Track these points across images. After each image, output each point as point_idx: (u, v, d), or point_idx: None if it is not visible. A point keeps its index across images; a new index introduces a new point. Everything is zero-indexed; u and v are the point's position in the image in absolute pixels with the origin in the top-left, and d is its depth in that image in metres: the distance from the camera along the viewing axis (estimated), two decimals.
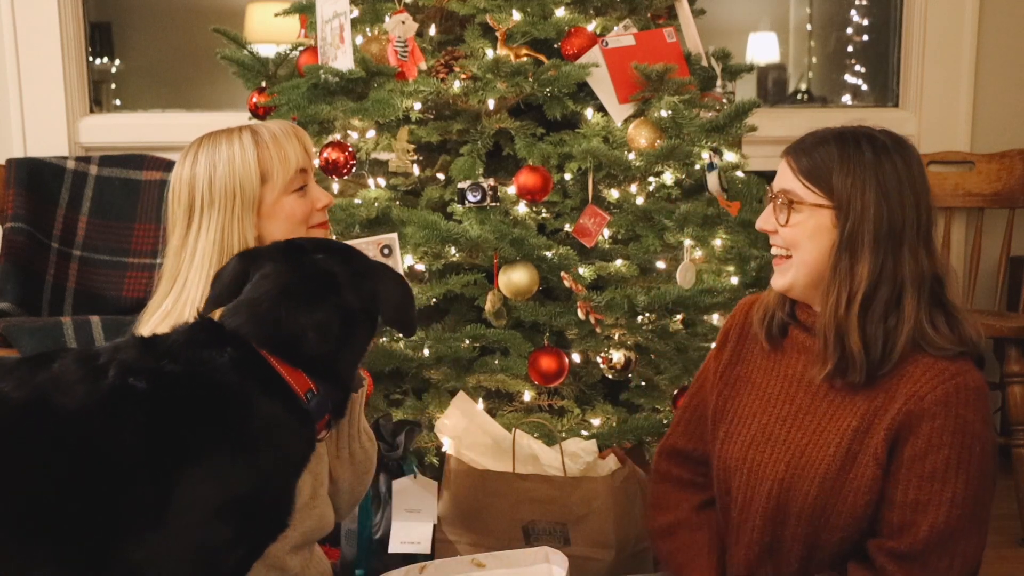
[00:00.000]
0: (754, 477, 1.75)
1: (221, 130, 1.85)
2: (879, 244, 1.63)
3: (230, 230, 1.78)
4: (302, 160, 1.84)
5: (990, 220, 3.60)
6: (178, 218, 1.82)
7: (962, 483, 1.62)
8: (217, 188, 1.78)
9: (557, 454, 2.29)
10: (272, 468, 1.46)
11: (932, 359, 1.65)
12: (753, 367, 1.83)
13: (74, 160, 3.44)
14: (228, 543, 1.42)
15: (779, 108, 4.71)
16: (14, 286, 3.23)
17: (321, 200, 1.87)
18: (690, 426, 1.92)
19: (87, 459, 1.36)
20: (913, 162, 1.68)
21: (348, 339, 1.56)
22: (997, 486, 2.20)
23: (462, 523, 2.24)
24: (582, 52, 2.49)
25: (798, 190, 1.69)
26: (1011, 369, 3.11)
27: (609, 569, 2.19)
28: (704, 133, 2.45)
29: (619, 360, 2.48)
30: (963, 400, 1.63)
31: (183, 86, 4.91)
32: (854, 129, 1.71)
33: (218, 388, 1.43)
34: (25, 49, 3.55)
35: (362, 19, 2.58)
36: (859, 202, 1.64)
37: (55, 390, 1.39)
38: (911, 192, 1.65)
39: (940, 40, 3.71)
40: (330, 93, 2.44)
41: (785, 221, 1.71)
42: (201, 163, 1.80)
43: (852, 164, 1.65)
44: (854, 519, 1.67)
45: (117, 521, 1.35)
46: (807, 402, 1.74)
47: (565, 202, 2.52)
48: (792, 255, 1.71)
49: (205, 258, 1.77)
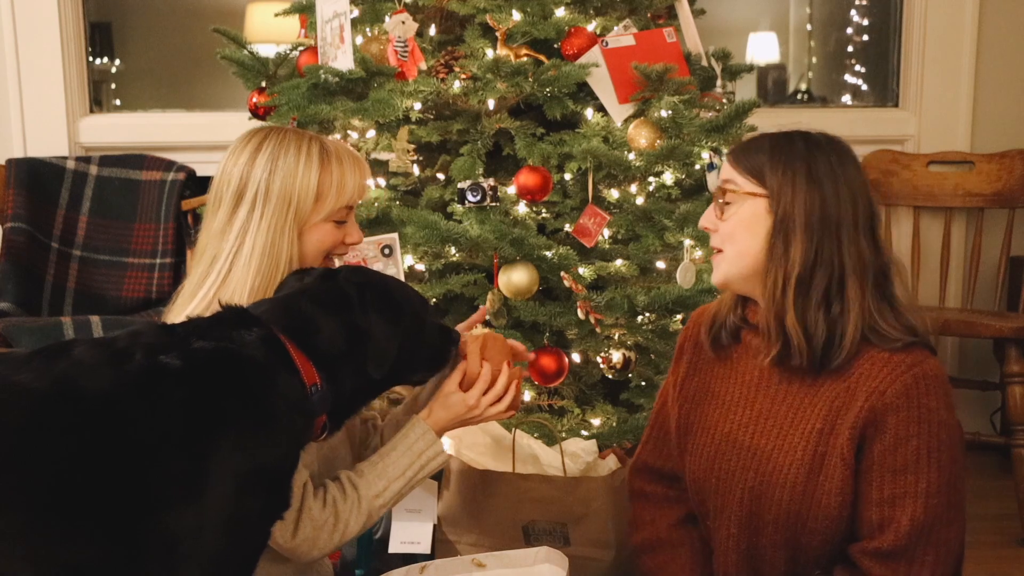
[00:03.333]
0: (724, 486, 1.76)
1: (291, 129, 1.83)
2: (811, 229, 1.65)
3: (280, 233, 1.76)
4: (355, 195, 1.83)
5: (990, 220, 3.60)
6: (224, 199, 1.79)
7: (935, 472, 1.62)
8: (275, 187, 1.76)
9: (557, 454, 2.29)
10: (289, 442, 1.54)
11: (885, 353, 1.65)
12: (710, 376, 1.84)
13: (74, 160, 3.44)
14: (256, 515, 1.50)
15: (779, 108, 4.71)
16: (14, 286, 3.23)
17: (352, 236, 1.85)
18: (658, 443, 1.94)
19: (122, 437, 1.40)
20: (847, 159, 1.70)
21: (353, 353, 1.63)
22: (997, 486, 2.22)
23: (462, 523, 2.24)
24: (582, 52, 2.49)
25: (735, 178, 1.72)
26: (1011, 369, 3.11)
27: (609, 569, 2.19)
28: (704, 133, 2.45)
29: (619, 360, 2.48)
30: (924, 389, 1.63)
31: (183, 86, 4.90)
32: (791, 130, 1.75)
33: (248, 362, 1.51)
34: (25, 49, 3.55)
35: (362, 19, 2.58)
36: (790, 189, 1.67)
37: (80, 375, 1.42)
38: (845, 184, 1.67)
39: (940, 40, 3.71)
40: (330, 93, 2.45)
41: (721, 214, 1.73)
42: (264, 155, 1.78)
43: (783, 155, 1.69)
44: (831, 520, 1.67)
45: (153, 494, 1.40)
46: (767, 406, 1.74)
47: (565, 202, 2.53)
48: (725, 249, 1.74)
49: (255, 255, 1.75)
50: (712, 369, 1.84)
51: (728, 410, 1.79)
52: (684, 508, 1.90)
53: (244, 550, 1.51)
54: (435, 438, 1.84)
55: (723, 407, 1.80)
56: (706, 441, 1.80)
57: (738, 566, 1.76)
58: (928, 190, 3.60)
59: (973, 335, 3.36)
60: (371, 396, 1.79)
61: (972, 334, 3.30)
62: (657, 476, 1.94)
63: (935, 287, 3.61)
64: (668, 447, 1.90)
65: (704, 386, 1.84)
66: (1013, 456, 3.07)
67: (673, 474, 1.91)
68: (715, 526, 1.79)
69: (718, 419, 1.80)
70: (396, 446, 1.83)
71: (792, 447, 1.69)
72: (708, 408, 1.82)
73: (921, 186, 3.62)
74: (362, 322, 1.64)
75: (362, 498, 1.78)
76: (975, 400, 3.66)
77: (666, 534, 1.90)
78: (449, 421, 1.87)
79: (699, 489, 1.81)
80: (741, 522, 1.73)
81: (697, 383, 1.85)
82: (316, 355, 1.59)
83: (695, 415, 1.84)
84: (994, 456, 3.50)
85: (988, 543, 2.95)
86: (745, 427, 1.76)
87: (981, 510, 3.03)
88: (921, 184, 3.62)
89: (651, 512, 1.93)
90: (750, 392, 1.77)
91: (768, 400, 1.74)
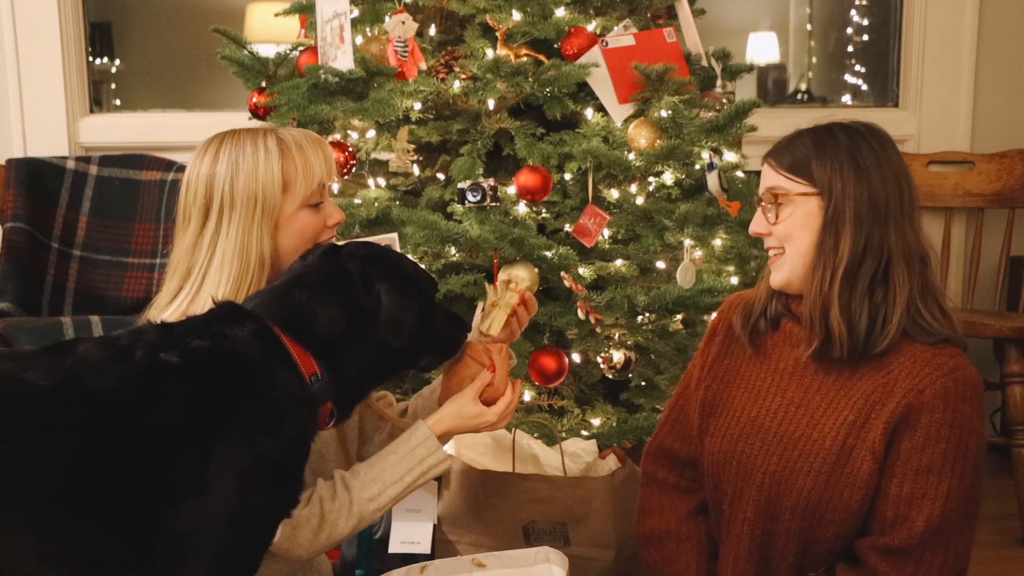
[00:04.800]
0: (745, 469, 1.75)
1: (244, 129, 1.81)
2: (861, 220, 1.66)
3: (249, 236, 1.74)
4: (324, 174, 1.80)
5: (990, 220, 3.60)
6: (192, 215, 1.78)
7: (957, 478, 1.63)
8: (239, 191, 1.74)
9: (557, 454, 2.30)
10: (292, 437, 1.54)
11: (922, 347, 1.66)
12: (742, 361, 1.84)
13: (74, 160, 3.44)
14: (261, 510, 1.50)
15: (779, 108, 4.71)
16: (14, 286, 3.23)
17: (333, 217, 1.84)
18: (676, 426, 1.93)
19: (128, 434, 1.42)
20: (887, 144, 1.71)
21: (356, 336, 1.62)
22: (997, 486, 2.21)
23: (462, 523, 2.24)
24: (582, 52, 2.49)
25: (783, 183, 1.72)
26: (1011, 369, 3.11)
27: (609, 569, 2.19)
28: (704, 133, 2.45)
29: (619, 360, 2.48)
30: (962, 395, 1.64)
31: (183, 86, 4.90)
32: (827, 123, 1.75)
33: (244, 359, 1.51)
34: (25, 49, 3.55)
35: (362, 19, 2.58)
36: (839, 182, 1.67)
37: (86, 373, 1.43)
38: (890, 169, 1.68)
39: (940, 40, 3.71)
40: (330, 93, 2.44)
41: (775, 219, 1.73)
42: (223, 162, 1.76)
43: (828, 149, 1.69)
44: (849, 514, 1.67)
45: (159, 491, 1.41)
46: (800, 395, 1.74)
47: (565, 202, 2.52)
48: (786, 249, 1.73)
49: (225, 262, 1.74)
50: (744, 354, 1.84)
51: (757, 395, 1.79)
52: (695, 499, 1.89)
53: (250, 544, 1.52)
54: (437, 445, 1.82)
55: (752, 391, 1.80)
56: (730, 423, 1.80)
57: (749, 552, 1.75)
58: (928, 190, 3.60)
59: (973, 335, 3.34)
60: (380, 379, 1.77)
61: (972, 334, 3.28)
62: (672, 461, 1.92)
63: None
64: (687, 429, 1.89)
65: (734, 369, 1.84)
66: (1013, 456, 3.08)
67: (689, 459, 1.90)
68: (731, 511, 1.78)
69: (745, 402, 1.79)
70: (396, 449, 1.81)
71: (822, 436, 1.69)
72: (736, 391, 1.82)
73: (921, 186, 3.61)
74: (366, 300, 1.62)
75: (354, 500, 1.76)
76: None
77: (675, 527, 1.89)
78: (458, 430, 1.86)
79: (717, 472, 1.80)
80: (759, 507, 1.73)
81: (728, 365, 1.85)
82: (313, 344, 1.58)
83: (721, 396, 1.83)
84: (994, 456, 3.50)
85: (988, 543, 2.95)
86: (775, 413, 1.75)
87: (982, 510, 3.02)
88: (921, 184, 3.61)
89: (661, 500, 1.92)
90: (783, 380, 1.76)
91: (802, 389, 1.74)
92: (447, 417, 1.84)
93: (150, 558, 1.41)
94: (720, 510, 1.81)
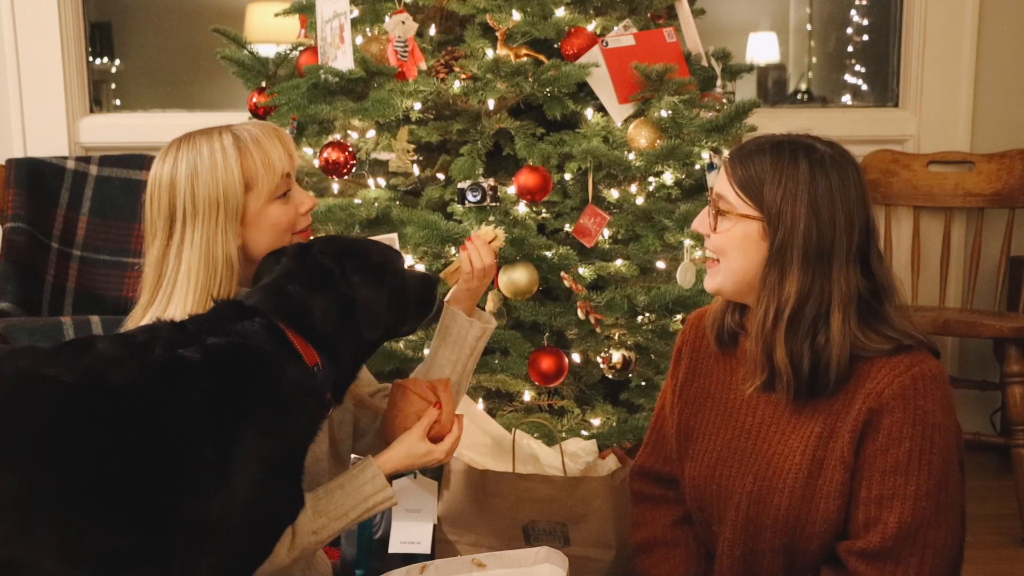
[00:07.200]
0: (724, 491, 1.75)
1: (199, 131, 1.79)
2: (808, 262, 1.62)
3: (214, 241, 1.73)
4: (286, 164, 1.78)
5: (990, 220, 3.60)
6: (158, 227, 1.77)
7: (925, 475, 1.61)
8: (200, 198, 1.73)
9: (557, 454, 2.29)
10: (306, 427, 1.60)
11: (884, 359, 1.64)
12: (711, 381, 1.83)
13: (74, 160, 3.44)
14: (283, 499, 1.56)
15: (779, 108, 4.71)
16: (14, 286, 3.22)
17: (305, 204, 1.83)
18: (656, 447, 1.93)
19: (151, 427, 1.44)
20: (850, 179, 1.64)
21: (348, 324, 1.67)
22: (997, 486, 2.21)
23: (462, 523, 2.24)
24: (582, 52, 2.49)
25: (730, 197, 1.68)
26: (1011, 369, 3.11)
27: (609, 569, 2.19)
28: (704, 133, 2.45)
29: (619, 360, 2.48)
30: (920, 391, 1.62)
31: (183, 86, 4.91)
32: (795, 139, 1.68)
33: (257, 353, 1.56)
34: (25, 49, 3.55)
35: (362, 19, 2.58)
36: (789, 217, 1.62)
37: (107, 369, 1.46)
38: (843, 211, 1.62)
39: (940, 40, 3.71)
40: (330, 93, 2.45)
41: (714, 227, 1.71)
42: (181, 169, 1.74)
43: (785, 177, 1.63)
44: (829, 525, 1.67)
45: (183, 481, 1.44)
46: (770, 413, 1.73)
47: (565, 202, 2.52)
48: (720, 261, 1.72)
49: (191, 271, 1.73)
50: (713, 373, 1.83)
51: (730, 417, 1.78)
52: (682, 508, 1.89)
53: (267, 533, 1.57)
54: (384, 483, 1.83)
55: (725, 413, 1.79)
56: (707, 448, 1.79)
57: (734, 571, 1.75)
58: (928, 190, 3.60)
59: (973, 335, 3.36)
60: (366, 358, 1.82)
61: (972, 334, 3.30)
62: (656, 479, 1.94)
63: (935, 287, 3.61)
64: (667, 450, 1.90)
65: (705, 390, 1.83)
66: (1013, 456, 3.07)
67: (671, 477, 1.91)
68: (715, 532, 1.79)
69: (720, 425, 1.79)
70: (344, 485, 1.81)
71: (792, 451, 1.69)
72: (710, 414, 1.81)
73: (921, 186, 3.62)
74: (348, 292, 1.67)
75: (297, 532, 1.74)
76: (975, 400, 3.66)
77: (662, 533, 1.90)
78: (406, 468, 1.88)
79: (699, 496, 1.80)
80: (737, 527, 1.73)
81: (698, 387, 1.85)
82: (314, 336, 1.63)
83: (695, 420, 1.83)
84: (994, 456, 3.50)
85: (988, 543, 2.95)
86: (748, 433, 1.75)
87: (981, 510, 3.03)
88: (921, 184, 3.62)
89: (650, 513, 1.93)
90: (752, 398, 1.75)
91: (771, 407, 1.73)
92: (395, 457, 1.85)
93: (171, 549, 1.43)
94: (710, 531, 1.82)
